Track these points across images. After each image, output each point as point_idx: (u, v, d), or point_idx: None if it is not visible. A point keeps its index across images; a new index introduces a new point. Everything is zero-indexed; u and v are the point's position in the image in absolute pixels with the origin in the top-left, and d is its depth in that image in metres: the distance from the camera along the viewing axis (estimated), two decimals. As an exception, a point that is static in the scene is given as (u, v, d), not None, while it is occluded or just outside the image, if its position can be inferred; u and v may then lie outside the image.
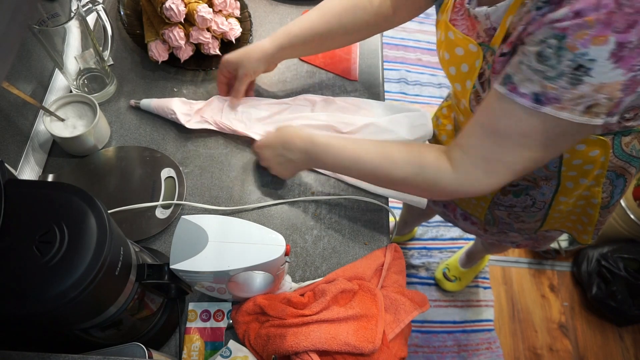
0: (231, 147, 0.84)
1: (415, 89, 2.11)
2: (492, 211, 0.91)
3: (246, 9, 0.96)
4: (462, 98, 0.68)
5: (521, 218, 0.89)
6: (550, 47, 0.48)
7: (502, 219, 0.92)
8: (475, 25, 0.63)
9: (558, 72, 0.49)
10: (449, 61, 0.68)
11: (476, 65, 0.62)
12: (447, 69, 0.69)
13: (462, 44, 0.64)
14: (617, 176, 0.76)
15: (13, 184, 0.47)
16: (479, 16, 0.61)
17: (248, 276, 0.58)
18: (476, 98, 0.65)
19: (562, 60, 0.48)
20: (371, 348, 0.61)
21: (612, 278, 1.62)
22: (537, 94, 0.51)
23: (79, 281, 0.42)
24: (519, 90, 0.52)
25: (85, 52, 0.77)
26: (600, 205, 0.80)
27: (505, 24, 0.56)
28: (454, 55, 0.66)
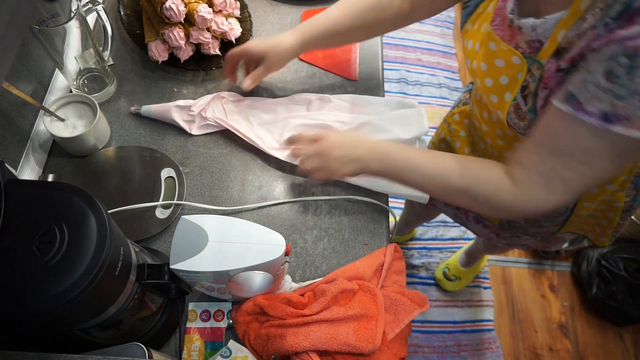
0: (231, 147, 0.84)
1: (415, 89, 2.10)
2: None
3: (246, 9, 0.96)
4: (497, 109, 0.66)
5: (539, 223, 0.87)
6: (621, 65, 0.47)
7: (518, 224, 0.90)
8: (515, 36, 0.61)
9: (630, 91, 0.47)
10: (486, 72, 0.65)
11: (518, 77, 0.60)
12: (482, 80, 0.66)
13: (504, 55, 0.62)
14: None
15: (13, 184, 0.47)
16: (524, 27, 0.59)
17: (248, 276, 0.58)
18: (516, 111, 0.63)
19: (634, 78, 0.46)
20: (371, 348, 0.61)
21: (612, 278, 1.62)
22: (606, 113, 0.49)
23: (79, 281, 0.42)
24: (586, 108, 0.50)
25: (85, 52, 0.77)
26: (622, 209, 0.79)
27: (556, 38, 0.54)
28: (493, 67, 0.64)
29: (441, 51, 2.24)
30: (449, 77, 2.18)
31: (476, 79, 0.70)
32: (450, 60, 2.23)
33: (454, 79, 2.18)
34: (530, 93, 0.60)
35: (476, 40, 0.68)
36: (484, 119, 0.76)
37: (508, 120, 0.65)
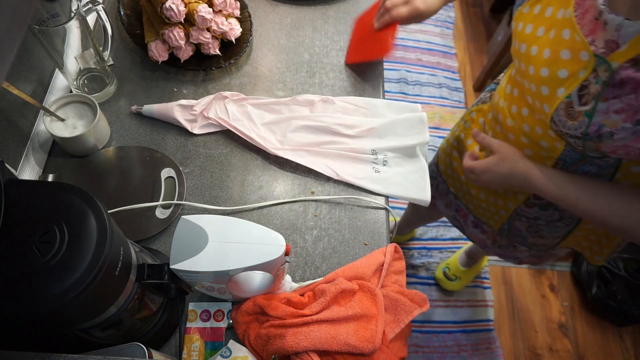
0: (231, 147, 0.84)
1: (415, 89, 2.11)
2: (511, 221, 0.89)
3: (246, 9, 0.96)
4: (544, 103, 0.64)
5: (541, 232, 0.86)
6: None
7: (519, 231, 0.90)
8: (596, 31, 0.58)
9: None
10: (546, 60, 0.62)
11: (579, 75, 0.58)
12: (538, 68, 0.64)
13: (574, 47, 0.59)
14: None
15: (13, 184, 0.47)
16: (610, 23, 0.56)
17: (248, 276, 0.58)
18: (567, 109, 0.61)
19: None
20: (371, 348, 0.61)
21: (612, 278, 1.62)
22: None
23: (79, 281, 0.42)
24: None
25: (85, 52, 0.77)
26: None
27: (637, 45, 0.53)
28: (556, 57, 0.61)
29: (441, 51, 2.24)
30: (449, 77, 2.18)
31: (528, 65, 0.66)
32: (450, 60, 2.23)
33: (454, 79, 2.18)
34: (591, 95, 0.57)
35: (539, 25, 0.65)
36: (511, 113, 0.74)
37: (553, 116, 0.63)
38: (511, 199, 0.85)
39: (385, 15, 0.85)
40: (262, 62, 0.95)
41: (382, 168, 0.83)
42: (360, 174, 0.82)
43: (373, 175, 0.82)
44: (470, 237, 1.07)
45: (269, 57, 0.96)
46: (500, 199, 0.87)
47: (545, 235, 0.87)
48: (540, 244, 0.91)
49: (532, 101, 0.69)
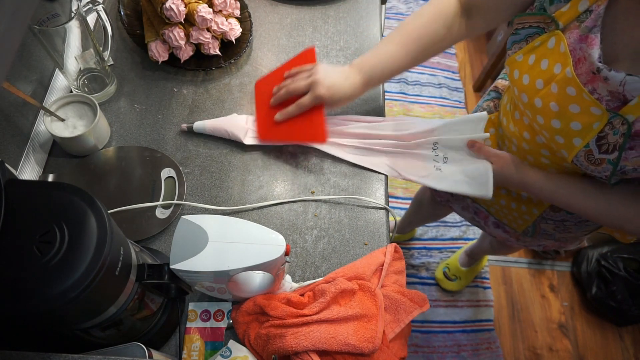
0: (231, 147, 0.84)
1: (415, 89, 2.11)
2: (536, 224, 0.89)
3: (246, 9, 0.96)
4: (561, 149, 0.65)
5: (569, 229, 0.87)
6: None
7: (546, 231, 0.90)
8: (595, 81, 0.58)
9: None
10: (556, 114, 0.63)
11: (594, 127, 0.58)
12: (548, 119, 0.64)
13: (582, 103, 0.59)
14: None
15: (13, 184, 0.47)
16: (612, 79, 0.56)
17: (248, 276, 0.58)
18: (587, 156, 0.62)
19: None
20: (371, 348, 0.61)
21: (611, 278, 1.62)
22: None
23: (79, 281, 0.42)
24: None
25: (85, 52, 0.77)
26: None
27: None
28: (566, 111, 0.61)
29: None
30: (449, 77, 2.18)
31: (536, 115, 0.67)
32: (450, 60, 2.23)
33: (454, 79, 2.18)
34: (610, 145, 0.58)
35: (537, 77, 0.65)
36: (525, 139, 0.74)
37: (574, 160, 0.64)
38: (536, 205, 0.84)
39: (281, 90, 0.80)
40: (262, 62, 0.95)
41: (443, 165, 0.81)
42: (423, 172, 0.81)
43: (435, 173, 0.81)
44: (491, 234, 1.06)
45: (269, 57, 0.96)
46: (524, 205, 0.86)
47: (574, 231, 0.87)
48: (568, 237, 0.91)
49: (548, 142, 0.70)
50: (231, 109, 0.88)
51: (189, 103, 0.88)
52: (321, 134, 0.81)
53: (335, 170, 0.84)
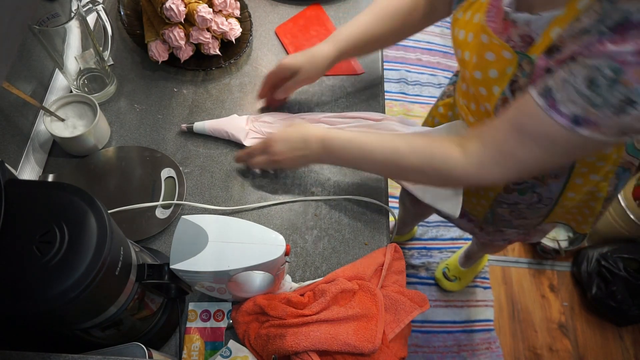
0: (231, 147, 0.84)
1: (415, 89, 2.11)
2: (493, 210, 0.91)
3: (246, 9, 0.96)
4: (485, 102, 0.67)
5: (523, 215, 0.89)
6: (604, 77, 0.48)
7: (503, 217, 0.92)
8: (508, 29, 0.61)
9: (605, 101, 0.49)
10: (476, 64, 0.66)
11: (507, 71, 0.61)
12: (472, 72, 0.67)
13: (495, 49, 0.62)
14: (624, 170, 0.77)
15: (13, 184, 0.47)
16: (518, 21, 0.60)
17: (248, 276, 0.58)
18: (504, 104, 0.64)
19: (614, 92, 0.48)
20: (371, 348, 0.61)
21: (612, 278, 1.62)
22: (577, 116, 0.52)
23: (79, 281, 0.42)
24: (559, 108, 0.53)
25: (85, 52, 0.77)
26: (604, 198, 0.81)
27: (549, 35, 0.55)
28: (483, 60, 0.64)
29: (441, 51, 2.24)
30: (449, 77, 2.18)
31: (465, 70, 0.70)
32: (450, 60, 2.23)
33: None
34: (519, 88, 0.60)
35: (468, 31, 0.68)
36: (471, 111, 0.76)
37: (495, 113, 0.66)
38: (491, 188, 0.86)
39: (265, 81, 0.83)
40: (262, 62, 0.95)
41: None
42: None
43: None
44: (458, 225, 1.09)
45: (268, 57, 0.96)
46: (482, 189, 0.89)
47: (529, 217, 0.89)
48: (525, 224, 0.93)
49: (477, 102, 0.72)
50: (231, 109, 0.88)
51: (189, 103, 0.88)
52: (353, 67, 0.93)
53: (335, 170, 0.84)
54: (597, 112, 0.50)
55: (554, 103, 0.53)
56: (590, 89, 0.50)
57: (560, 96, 0.52)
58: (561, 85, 0.52)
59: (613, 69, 0.48)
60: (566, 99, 0.52)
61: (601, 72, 0.49)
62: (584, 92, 0.50)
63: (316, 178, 0.83)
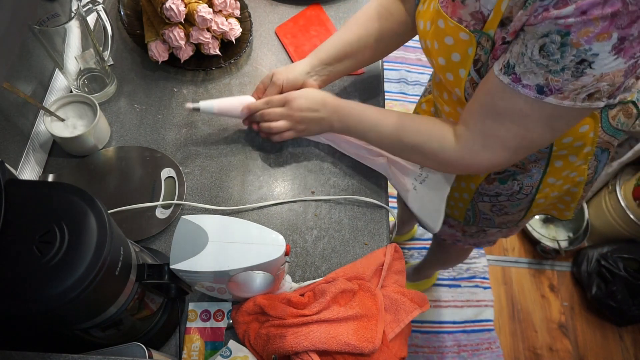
0: (231, 147, 0.84)
1: (415, 89, 2.11)
2: (474, 205, 0.90)
3: (246, 9, 0.96)
4: (455, 87, 0.68)
5: (505, 209, 0.88)
6: (553, 42, 0.50)
7: (484, 214, 0.91)
8: (456, 10, 0.62)
9: (561, 66, 0.51)
10: (438, 51, 0.67)
11: (469, 52, 0.62)
12: (436, 59, 0.68)
13: (452, 32, 0.62)
14: (602, 151, 0.77)
15: (13, 184, 0.47)
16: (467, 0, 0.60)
17: (248, 276, 0.58)
18: (472, 86, 0.65)
19: (566, 55, 0.50)
20: (371, 348, 0.61)
21: (612, 278, 1.62)
22: (541, 86, 0.53)
23: (79, 281, 0.42)
24: (522, 81, 0.54)
25: (85, 52, 0.77)
26: (585, 182, 0.81)
27: (500, 9, 0.56)
28: (443, 45, 0.65)
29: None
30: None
31: (431, 59, 0.70)
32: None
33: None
34: (484, 65, 0.61)
35: (426, 20, 0.68)
36: (445, 100, 0.76)
37: (466, 97, 0.67)
38: (473, 179, 0.86)
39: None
40: (262, 62, 0.95)
41: (419, 185, 0.82)
42: (406, 186, 0.83)
43: (412, 191, 0.83)
44: (440, 234, 1.08)
45: (268, 57, 0.96)
46: (463, 181, 0.88)
47: (510, 211, 0.89)
48: (507, 221, 0.93)
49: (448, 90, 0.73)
50: (231, 109, 0.88)
51: (189, 103, 0.88)
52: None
53: (335, 170, 0.84)
54: (557, 78, 0.51)
55: (516, 77, 0.55)
56: (544, 56, 0.51)
57: (520, 69, 0.54)
58: (519, 59, 0.54)
59: (559, 32, 0.49)
60: (526, 70, 0.53)
61: (550, 39, 0.50)
62: (540, 62, 0.52)
63: (316, 178, 0.83)
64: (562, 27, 0.48)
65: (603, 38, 0.47)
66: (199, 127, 0.86)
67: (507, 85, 0.56)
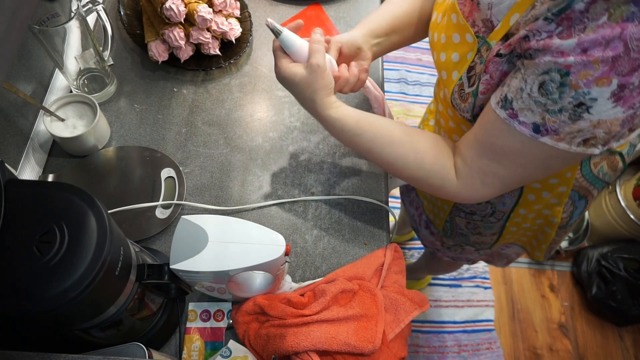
0: (231, 147, 0.84)
1: (415, 89, 2.10)
2: (452, 218, 0.90)
3: (246, 9, 0.96)
4: (444, 87, 0.66)
5: (479, 229, 0.87)
6: (553, 81, 0.48)
7: (460, 229, 0.91)
8: (472, 12, 0.60)
9: (559, 107, 0.49)
10: (443, 46, 0.65)
11: (468, 57, 0.60)
12: (439, 53, 0.66)
13: (461, 31, 0.61)
14: (580, 197, 0.76)
15: (13, 184, 0.47)
16: (482, 3, 0.58)
17: (248, 276, 0.58)
18: (459, 91, 0.63)
19: (564, 96, 0.48)
20: (371, 348, 0.61)
21: (612, 278, 1.62)
22: (537, 125, 0.51)
23: (79, 281, 0.42)
24: (519, 118, 0.52)
25: (85, 52, 0.77)
26: (558, 224, 0.80)
27: (508, 22, 0.54)
28: (450, 41, 0.63)
29: (441, 51, 2.24)
30: (449, 77, 2.18)
31: (433, 53, 0.69)
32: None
33: (454, 79, 2.18)
34: (475, 75, 0.60)
35: (439, 12, 0.67)
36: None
37: (452, 100, 0.65)
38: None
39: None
40: (262, 62, 0.95)
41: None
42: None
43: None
44: (422, 240, 1.08)
45: (269, 57, 0.96)
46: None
47: (483, 232, 0.88)
48: (480, 242, 0.92)
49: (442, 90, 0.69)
50: (231, 108, 0.88)
51: (189, 103, 0.88)
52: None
53: (335, 170, 0.84)
54: (554, 118, 0.50)
55: (513, 113, 0.53)
56: (543, 94, 0.49)
57: (518, 105, 0.52)
58: (518, 94, 0.52)
59: (560, 72, 0.47)
60: (524, 107, 0.52)
61: (550, 77, 0.48)
62: (538, 99, 0.50)
63: (316, 178, 0.83)
64: (562, 66, 0.47)
65: (602, 83, 0.46)
66: (199, 127, 0.86)
67: (504, 121, 0.54)
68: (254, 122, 0.88)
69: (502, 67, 0.55)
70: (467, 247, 0.97)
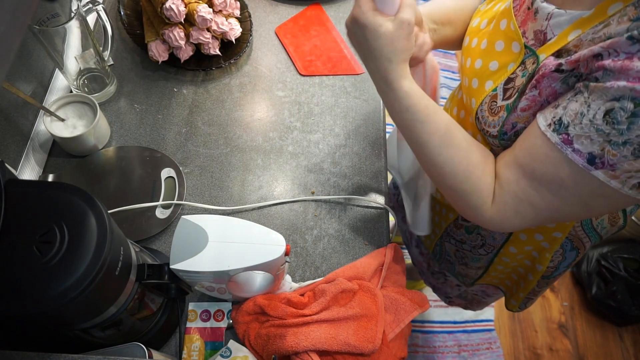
0: (231, 147, 0.84)
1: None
2: (442, 242, 0.88)
3: (246, 9, 0.96)
4: (472, 97, 0.61)
5: (465, 259, 0.86)
6: (623, 109, 0.43)
7: (448, 256, 0.89)
8: (527, 21, 0.56)
9: (624, 139, 0.43)
10: (482, 52, 0.60)
11: (508, 68, 0.56)
12: (474, 59, 0.61)
13: (508, 38, 0.57)
14: (572, 248, 0.73)
15: (13, 184, 0.47)
16: (540, 12, 0.54)
17: (248, 276, 0.58)
18: (491, 102, 0.59)
19: (633, 127, 0.43)
20: (371, 348, 0.61)
21: (612, 278, 1.62)
22: (594, 155, 0.46)
23: (79, 281, 0.42)
24: (574, 144, 0.47)
25: (85, 52, 0.77)
26: (542, 273, 0.77)
27: (566, 37, 0.50)
28: (491, 48, 0.59)
29: (441, 51, 2.24)
30: (449, 77, 2.18)
31: (467, 58, 0.64)
32: (450, 60, 2.23)
33: (454, 79, 2.18)
34: (515, 89, 0.56)
35: (484, 18, 0.64)
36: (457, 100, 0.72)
37: (477, 111, 0.61)
38: (444, 217, 0.84)
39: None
40: (262, 62, 0.95)
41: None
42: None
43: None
44: (412, 257, 1.07)
45: (269, 57, 0.96)
46: (437, 216, 0.86)
47: (469, 264, 0.86)
48: (465, 274, 0.90)
49: (465, 98, 0.65)
50: (231, 108, 0.88)
51: (189, 103, 0.88)
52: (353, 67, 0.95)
53: (335, 170, 0.84)
54: (615, 151, 0.44)
55: (567, 139, 0.47)
56: (608, 124, 0.44)
57: (574, 131, 0.46)
58: (577, 119, 0.46)
59: (635, 100, 0.42)
60: (582, 134, 0.46)
61: (621, 105, 0.42)
62: (601, 128, 0.44)
63: (316, 178, 0.83)
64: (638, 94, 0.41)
65: None
66: (199, 127, 0.86)
67: (555, 145, 0.48)
68: (254, 122, 0.88)
69: (556, 85, 0.50)
70: (450, 278, 0.96)
